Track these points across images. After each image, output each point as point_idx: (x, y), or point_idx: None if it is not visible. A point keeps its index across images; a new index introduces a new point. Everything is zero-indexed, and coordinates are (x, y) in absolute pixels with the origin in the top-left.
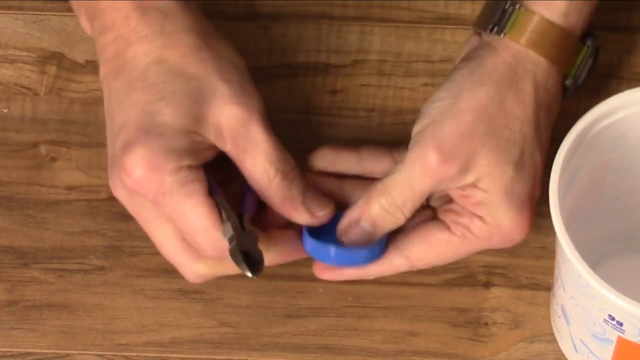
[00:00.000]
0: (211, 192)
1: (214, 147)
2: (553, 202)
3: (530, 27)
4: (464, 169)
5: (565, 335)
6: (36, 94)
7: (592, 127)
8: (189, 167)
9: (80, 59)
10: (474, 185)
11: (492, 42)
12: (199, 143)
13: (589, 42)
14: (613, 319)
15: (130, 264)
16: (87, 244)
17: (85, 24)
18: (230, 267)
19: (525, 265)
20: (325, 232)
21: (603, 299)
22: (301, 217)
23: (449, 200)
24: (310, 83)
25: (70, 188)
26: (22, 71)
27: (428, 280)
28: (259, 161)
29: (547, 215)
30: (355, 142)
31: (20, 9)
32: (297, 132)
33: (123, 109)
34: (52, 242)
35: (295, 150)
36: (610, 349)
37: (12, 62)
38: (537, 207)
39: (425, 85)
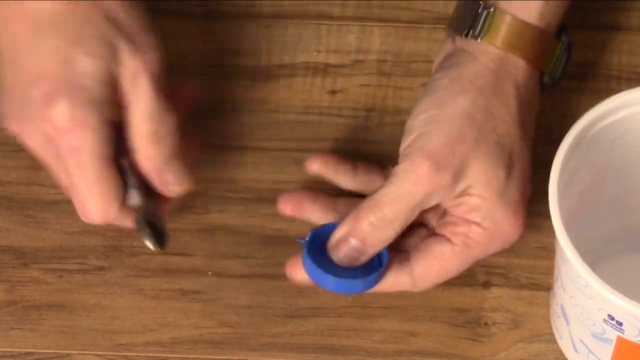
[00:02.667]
0: (118, 154)
1: (119, 105)
2: (553, 202)
3: (506, 30)
4: (457, 177)
5: (565, 335)
6: None
7: (592, 127)
8: (109, 122)
9: None
10: (467, 193)
11: (468, 48)
12: (114, 87)
13: (563, 38)
14: (612, 318)
15: (130, 264)
16: (86, 244)
17: None
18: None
19: (525, 265)
20: (326, 251)
21: (602, 298)
22: (158, 185)
23: (444, 214)
24: (310, 83)
25: None
26: None
27: None
28: (137, 115)
29: (547, 215)
30: (355, 142)
31: None
32: (296, 132)
33: (37, 57)
34: (51, 242)
35: (294, 150)
36: (609, 349)
37: None
38: (536, 207)
39: (425, 85)
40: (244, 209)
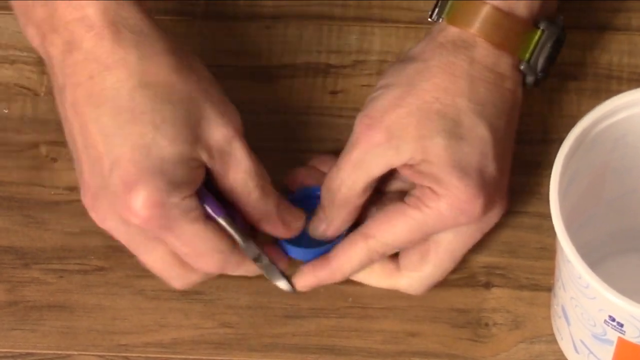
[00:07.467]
0: (215, 213)
1: (204, 166)
2: (553, 202)
3: (461, 9)
4: (391, 136)
5: (565, 336)
6: (36, 95)
7: (593, 128)
8: (190, 196)
9: None
10: (412, 158)
11: (432, 30)
12: (194, 167)
13: (542, 25)
14: (613, 319)
15: (131, 264)
16: (87, 245)
17: (33, 33)
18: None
19: (525, 265)
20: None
21: (603, 299)
22: (277, 230)
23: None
24: (311, 83)
25: (71, 188)
26: (22, 72)
27: None
28: (240, 176)
29: (547, 215)
30: None
31: None
32: (297, 132)
33: (114, 143)
34: (52, 243)
35: (295, 150)
36: (610, 350)
37: (13, 62)
38: (537, 207)
39: None
40: None
